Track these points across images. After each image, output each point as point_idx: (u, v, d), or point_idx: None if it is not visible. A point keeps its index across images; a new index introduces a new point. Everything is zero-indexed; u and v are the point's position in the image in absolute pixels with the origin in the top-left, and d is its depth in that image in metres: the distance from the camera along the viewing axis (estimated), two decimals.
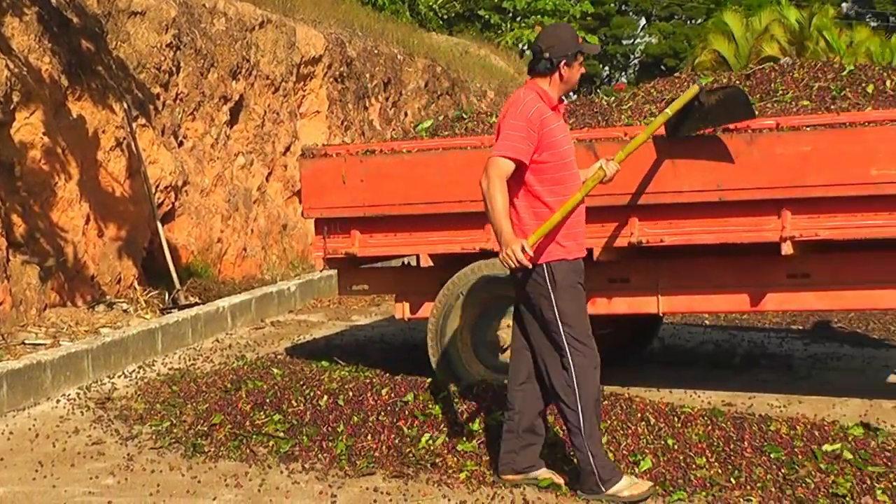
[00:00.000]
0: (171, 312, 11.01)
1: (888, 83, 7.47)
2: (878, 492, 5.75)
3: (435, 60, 21.66)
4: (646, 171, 7.10)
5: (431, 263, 7.88)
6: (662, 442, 6.34)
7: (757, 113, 7.05)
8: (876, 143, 6.70)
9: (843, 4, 57.85)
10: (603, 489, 5.73)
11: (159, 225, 12.22)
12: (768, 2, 41.45)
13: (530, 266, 5.69)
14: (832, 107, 7.30)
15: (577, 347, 5.83)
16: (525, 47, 37.78)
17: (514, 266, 5.65)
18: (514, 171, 5.71)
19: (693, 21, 56.71)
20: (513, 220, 5.75)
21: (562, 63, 5.80)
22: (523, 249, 5.54)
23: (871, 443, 6.34)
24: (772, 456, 6.14)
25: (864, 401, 7.89)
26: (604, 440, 6.33)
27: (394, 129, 18.52)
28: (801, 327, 11.01)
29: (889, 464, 6.04)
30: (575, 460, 5.97)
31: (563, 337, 5.81)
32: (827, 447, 6.23)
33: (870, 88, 7.44)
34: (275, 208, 14.86)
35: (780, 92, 7.48)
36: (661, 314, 8.02)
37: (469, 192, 7.50)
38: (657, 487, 5.89)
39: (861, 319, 11.15)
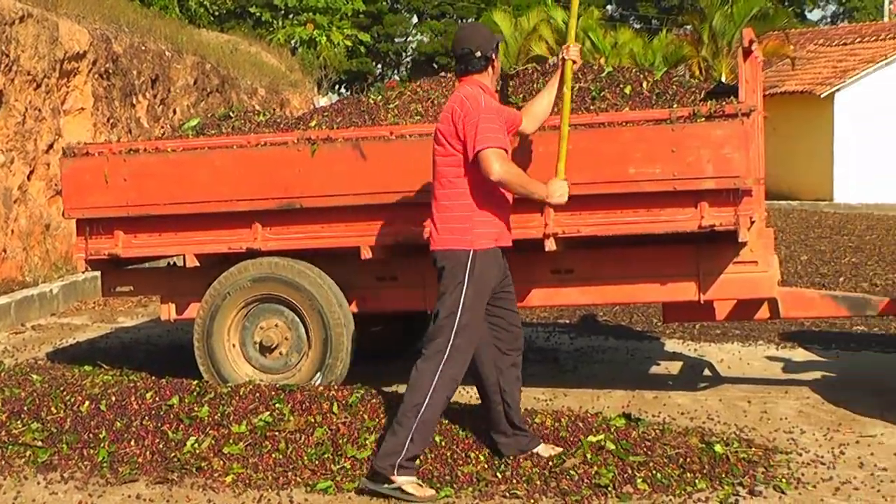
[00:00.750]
0: None
1: (644, 84, 7.69)
2: (639, 481, 5.93)
3: (204, 57, 21.33)
4: (410, 171, 7.13)
5: (197, 264, 7.76)
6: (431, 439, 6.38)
7: None
8: (632, 142, 6.90)
9: (608, 6, 59.52)
10: (395, 473, 5.77)
11: None
12: (536, 2, 42.32)
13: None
14: (591, 107, 7.48)
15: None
16: (296, 44, 37.59)
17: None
18: (458, 166, 5.95)
19: (464, 20, 57.43)
20: (441, 213, 6.02)
21: (492, 56, 6.08)
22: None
23: (633, 433, 6.54)
24: None
25: (628, 392, 8.14)
26: (372, 438, 6.34)
27: (162, 127, 18.16)
28: (567, 321, 11.27)
29: (649, 453, 6.24)
30: (385, 436, 6.02)
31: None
32: (591, 438, 6.39)
33: (627, 90, 7.65)
34: (37, 208, 14.38)
35: None
36: (429, 311, 8.07)
37: (235, 191, 7.46)
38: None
39: (625, 313, 11.48)
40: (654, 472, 6.02)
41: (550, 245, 7.13)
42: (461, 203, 5.96)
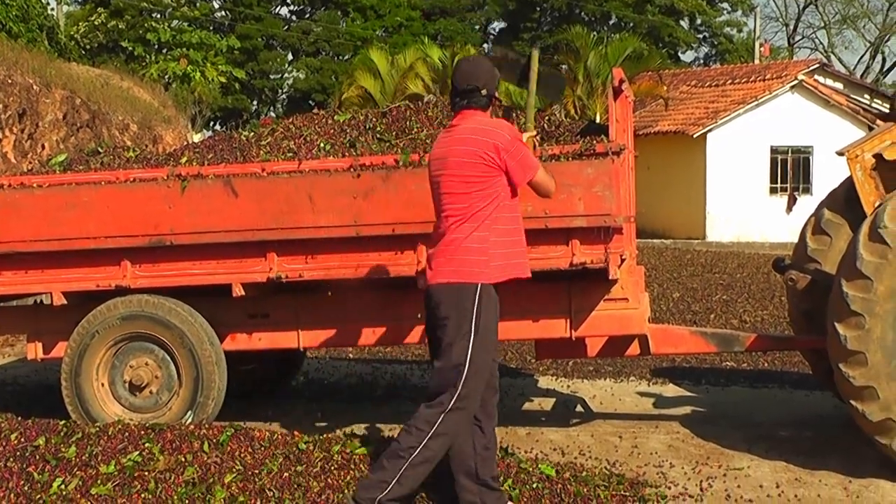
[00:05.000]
0: None
1: (521, 122, 7.73)
2: None
3: (74, 92, 20.98)
4: (283, 207, 7.11)
5: (65, 301, 7.60)
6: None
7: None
8: None
9: (485, 45, 60.05)
10: None
11: None
12: (413, 40, 42.54)
13: None
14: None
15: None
16: (170, 80, 37.24)
17: None
18: (486, 196, 5.71)
19: (340, 57, 57.48)
20: (465, 250, 5.72)
21: (495, 94, 5.97)
22: None
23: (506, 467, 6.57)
24: None
25: (501, 428, 8.12)
26: (242, 478, 6.26)
27: (30, 163, 17.81)
28: None
29: (522, 488, 6.25)
30: (372, 470, 5.86)
31: None
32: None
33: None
34: None
35: (416, 129, 7.65)
36: (302, 349, 8.04)
37: (104, 228, 7.34)
38: None
39: (500, 349, 11.49)
40: None
41: (422, 283, 7.07)
42: (479, 235, 5.72)
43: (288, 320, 7.70)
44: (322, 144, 7.61)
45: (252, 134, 8.18)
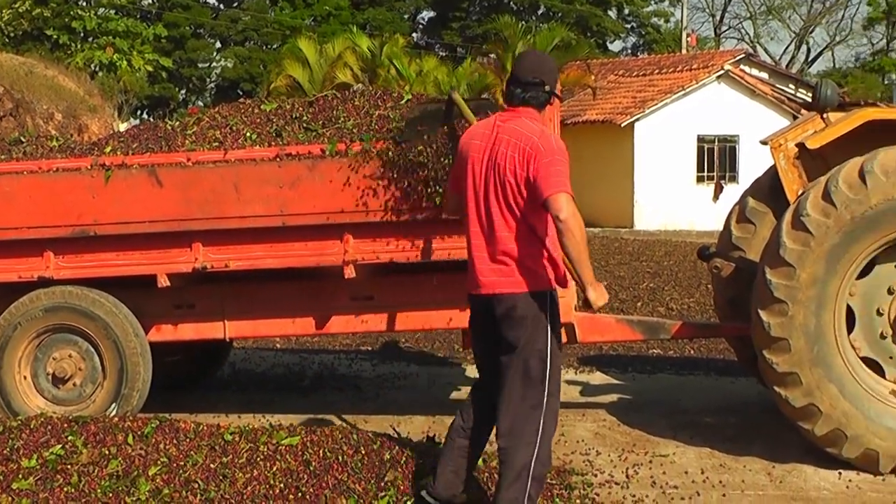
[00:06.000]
0: None
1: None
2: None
3: None
4: (209, 197, 7.06)
5: None
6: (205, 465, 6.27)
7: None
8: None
9: (414, 34, 60.00)
10: None
11: None
12: (342, 29, 42.35)
13: None
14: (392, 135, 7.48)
15: None
16: (96, 69, 36.81)
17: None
18: (536, 215, 5.46)
19: (269, 46, 57.16)
20: (536, 268, 5.51)
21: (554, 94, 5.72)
22: None
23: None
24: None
25: (428, 418, 8.16)
26: (168, 470, 6.21)
27: None
28: (370, 348, 11.26)
29: None
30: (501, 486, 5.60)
31: None
32: (387, 456, 6.39)
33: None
34: None
35: (342, 119, 7.61)
36: (228, 339, 7.98)
37: (26, 219, 7.25)
38: None
39: (427, 339, 11.53)
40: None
41: (350, 272, 7.12)
42: (538, 241, 5.54)
43: (214, 310, 7.65)
44: (248, 134, 7.54)
45: (178, 123, 8.10)
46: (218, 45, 60.25)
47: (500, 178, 5.45)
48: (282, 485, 6.11)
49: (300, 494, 6.01)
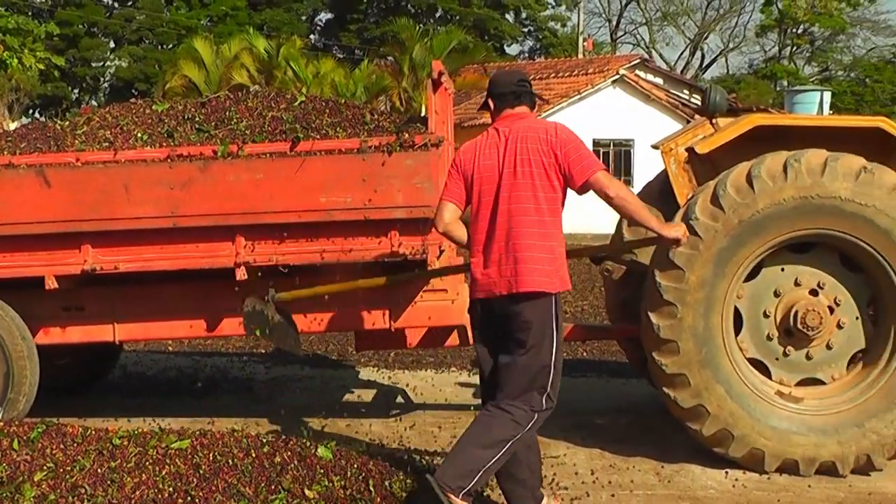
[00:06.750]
0: None
1: (346, 114, 7.68)
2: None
3: None
4: (98, 198, 6.96)
5: None
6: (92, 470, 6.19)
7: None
8: (324, 172, 6.91)
9: (311, 35, 59.78)
10: (458, 496, 5.48)
11: None
12: (238, 30, 42.05)
13: None
14: (286, 137, 7.44)
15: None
16: None
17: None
18: (556, 199, 5.81)
19: (164, 46, 56.52)
20: (551, 255, 5.70)
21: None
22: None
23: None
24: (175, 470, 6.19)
25: (321, 420, 8.14)
26: (43, 476, 6.11)
27: None
28: (263, 351, 11.20)
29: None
30: (456, 456, 5.64)
31: None
32: (278, 460, 6.37)
33: (326, 119, 7.62)
34: None
35: (235, 120, 7.56)
36: (118, 342, 7.88)
37: None
38: None
39: (321, 341, 11.50)
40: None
41: (242, 274, 7.07)
42: (556, 239, 5.81)
43: (103, 313, 7.56)
44: (139, 134, 7.45)
45: (67, 123, 7.98)
46: (112, 44, 59.40)
47: (528, 171, 5.71)
48: (171, 489, 6.04)
49: (189, 498, 5.94)
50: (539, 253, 5.66)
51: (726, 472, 6.96)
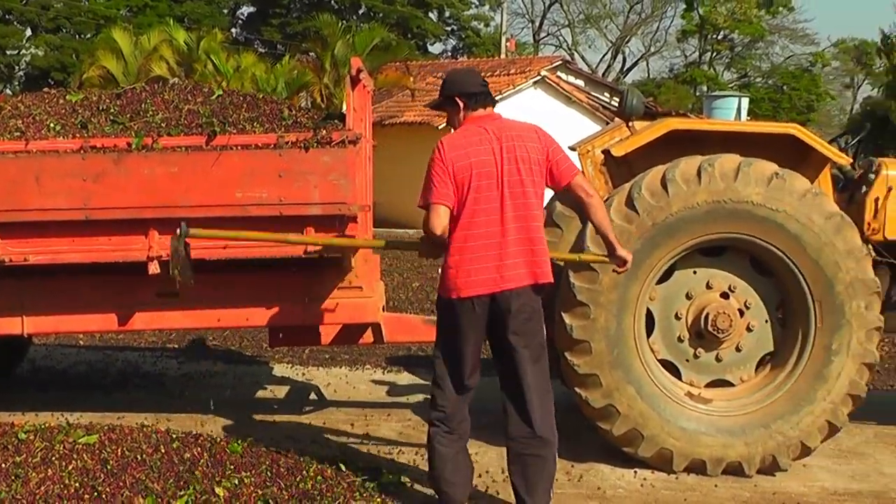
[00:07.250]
0: None
1: (264, 109, 7.63)
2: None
3: None
4: (8, 188, 6.85)
5: None
6: None
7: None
8: (240, 166, 6.87)
9: (233, 29, 59.39)
10: None
11: None
12: (158, 21, 41.63)
13: None
14: (202, 131, 7.38)
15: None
16: None
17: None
18: (542, 196, 5.96)
19: (82, 35, 55.80)
20: (540, 245, 5.89)
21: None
22: None
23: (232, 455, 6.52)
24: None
25: (233, 416, 8.09)
26: None
27: None
28: (176, 346, 11.10)
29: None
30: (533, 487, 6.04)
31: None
32: (187, 455, 6.34)
33: (244, 114, 7.56)
34: None
35: (151, 112, 7.48)
36: (27, 335, 7.76)
37: None
38: None
39: (236, 337, 11.43)
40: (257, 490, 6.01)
41: (154, 268, 6.99)
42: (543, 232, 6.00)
43: (12, 306, 7.41)
44: (52, 125, 7.34)
45: None
46: (28, 32, 58.53)
47: (529, 168, 5.86)
48: (77, 484, 5.98)
49: (96, 494, 5.89)
50: (544, 245, 5.93)
51: (635, 472, 7.04)
